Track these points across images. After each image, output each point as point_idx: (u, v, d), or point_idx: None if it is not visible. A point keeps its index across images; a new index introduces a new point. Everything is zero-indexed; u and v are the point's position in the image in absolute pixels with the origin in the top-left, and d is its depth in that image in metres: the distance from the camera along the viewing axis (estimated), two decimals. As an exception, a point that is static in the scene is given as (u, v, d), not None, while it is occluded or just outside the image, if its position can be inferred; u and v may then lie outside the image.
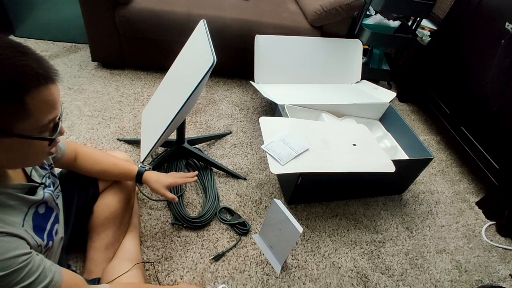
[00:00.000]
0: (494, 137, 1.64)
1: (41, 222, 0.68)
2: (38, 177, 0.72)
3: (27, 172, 0.69)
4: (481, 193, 1.78)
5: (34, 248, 0.63)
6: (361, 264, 1.30)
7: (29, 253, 0.59)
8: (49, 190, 0.74)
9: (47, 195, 0.72)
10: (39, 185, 0.70)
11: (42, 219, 0.69)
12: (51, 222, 0.72)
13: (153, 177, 1.03)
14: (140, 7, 1.72)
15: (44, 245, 0.67)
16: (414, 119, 2.23)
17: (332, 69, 1.97)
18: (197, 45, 1.23)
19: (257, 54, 1.79)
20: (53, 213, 0.74)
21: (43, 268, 0.61)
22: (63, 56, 1.97)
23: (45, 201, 0.71)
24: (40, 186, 0.70)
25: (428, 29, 2.37)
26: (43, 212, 0.70)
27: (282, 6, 2.09)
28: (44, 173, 0.74)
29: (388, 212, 1.54)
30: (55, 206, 0.75)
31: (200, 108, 1.85)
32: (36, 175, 0.71)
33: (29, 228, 0.64)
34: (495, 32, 1.64)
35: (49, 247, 0.69)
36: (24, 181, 0.68)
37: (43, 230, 0.68)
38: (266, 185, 1.51)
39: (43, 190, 0.71)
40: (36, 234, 0.65)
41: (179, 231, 1.25)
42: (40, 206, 0.69)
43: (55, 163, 0.87)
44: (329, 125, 1.58)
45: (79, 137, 1.51)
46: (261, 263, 1.22)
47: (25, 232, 0.61)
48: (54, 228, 0.73)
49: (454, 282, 1.33)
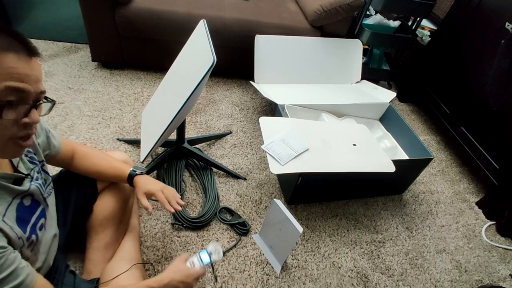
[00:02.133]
0: (494, 137, 1.64)
1: (25, 214, 0.67)
2: (26, 169, 0.71)
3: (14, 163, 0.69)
4: (481, 193, 1.78)
5: (14, 240, 0.62)
6: (361, 264, 1.30)
7: (3, 248, 0.57)
8: (37, 183, 0.72)
9: (34, 187, 0.71)
10: (25, 176, 0.69)
11: (27, 211, 0.69)
12: (36, 216, 0.71)
13: (142, 181, 0.98)
14: (140, 7, 1.72)
15: (26, 237, 0.66)
16: (414, 119, 2.23)
17: (332, 69, 1.97)
18: (197, 45, 1.23)
19: (257, 54, 1.79)
20: (39, 207, 0.73)
21: (16, 267, 0.59)
22: (63, 56, 1.97)
23: (31, 193, 0.70)
24: (26, 178, 0.69)
25: (428, 29, 2.37)
26: (28, 205, 0.69)
27: (282, 6, 2.09)
28: (33, 167, 0.74)
29: (388, 212, 1.54)
30: (42, 200, 0.74)
31: (200, 108, 1.85)
32: (24, 167, 0.71)
33: (11, 218, 0.63)
34: (495, 32, 1.64)
35: (32, 240, 0.68)
36: (10, 171, 0.67)
37: (26, 222, 0.68)
38: (266, 185, 1.51)
39: (30, 182, 0.70)
40: (18, 226, 0.64)
41: (179, 231, 1.25)
42: (25, 198, 0.68)
43: (49, 160, 0.86)
44: (329, 125, 1.59)
45: (79, 137, 1.51)
46: (261, 263, 1.22)
47: (3, 223, 0.60)
48: (38, 222, 0.72)
49: (454, 282, 1.33)
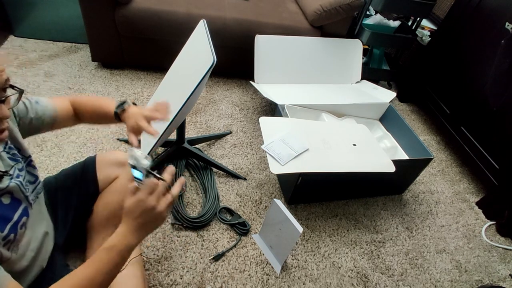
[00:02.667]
0: (494, 137, 1.64)
1: (5, 212, 0.67)
2: (5, 167, 0.70)
3: None
4: (481, 193, 1.78)
5: None
6: (361, 264, 1.30)
7: None
8: (17, 180, 0.71)
9: (13, 185, 0.69)
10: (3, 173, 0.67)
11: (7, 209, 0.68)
12: (18, 214, 0.70)
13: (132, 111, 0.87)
14: (140, 7, 1.72)
15: (3, 236, 0.65)
16: (414, 119, 2.23)
17: (332, 69, 1.97)
18: (197, 45, 1.23)
19: (257, 54, 1.79)
20: (21, 205, 0.72)
21: None
22: (63, 56, 1.97)
23: (9, 191, 0.68)
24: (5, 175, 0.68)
25: (428, 29, 2.37)
26: (8, 203, 0.68)
27: (282, 6, 2.09)
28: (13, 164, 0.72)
29: (388, 212, 1.54)
30: (23, 198, 0.73)
31: (200, 108, 1.85)
32: (2, 164, 0.69)
33: None
34: (495, 32, 1.64)
35: (9, 239, 0.67)
36: None
37: (7, 220, 0.67)
38: (266, 185, 1.51)
39: (9, 180, 0.69)
40: None
41: (179, 231, 1.25)
42: (4, 196, 0.67)
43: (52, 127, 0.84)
44: (329, 125, 1.59)
45: (79, 137, 1.51)
46: (261, 263, 1.22)
47: None
48: (20, 221, 0.71)
49: (454, 282, 1.33)
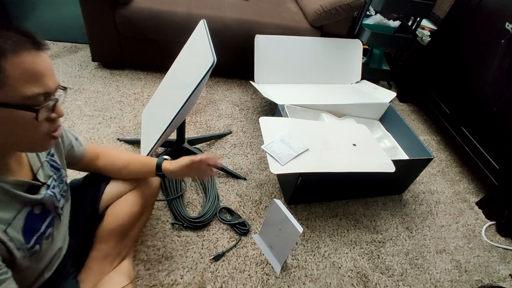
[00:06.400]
0: (494, 137, 1.64)
1: (34, 223, 0.65)
2: (44, 177, 0.69)
3: (34, 170, 0.67)
4: (481, 193, 1.78)
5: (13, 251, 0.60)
6: (361, 264, 1.30)
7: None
8: (52, 191, 0.70)
9: (48, 196, 0.68)
10: (42, 184, 0.67)
11: (37, 220, 0.66)
12: (45, 225, 0.69)
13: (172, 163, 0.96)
14: (140, 7, 1.72)
15: (28, 247, 0.64)
16: (414, 119, 2.23)
17: (332, 69, 1.97)
18: (197, 45, 1.24)
19: (257, 54, 1.79)
20: (49, 216, 0.71)
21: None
22: (63, 56, 1.97)
23: (43, 202, 0.68)
24: (43, 186, 0.67)
25: (428, 29, 2.37)
26: (38, 213, 0.67)
27: (282, 6, 2.09)
28: (52, 174, 0.72)
29: (388, 212, 1.55)
30: (53, 209, 0.72)
31: (200, 108, 1.85)
32: (42, 174, 0.69)
33: (17, 227, 0.61)
34: (495, 32, 1.64)
35: (35, 250, 0.66)
36: (28, 178, 0.65)
37: (34, 231, 0.66)
38: (266, 185, 1.51)
39: (46, 190, 0.68)
40: (23, 235, 0.62)
41: (179, 231, 1.26)
42: (36, 207, 0.66)
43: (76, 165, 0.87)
44: (329, 125, 1.59)
45: (80, 137, 1.50)
46: (261, 263, 1.22)
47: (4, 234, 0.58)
48: (47, 232, 0.70)
49: (454, 282, 1.33)
